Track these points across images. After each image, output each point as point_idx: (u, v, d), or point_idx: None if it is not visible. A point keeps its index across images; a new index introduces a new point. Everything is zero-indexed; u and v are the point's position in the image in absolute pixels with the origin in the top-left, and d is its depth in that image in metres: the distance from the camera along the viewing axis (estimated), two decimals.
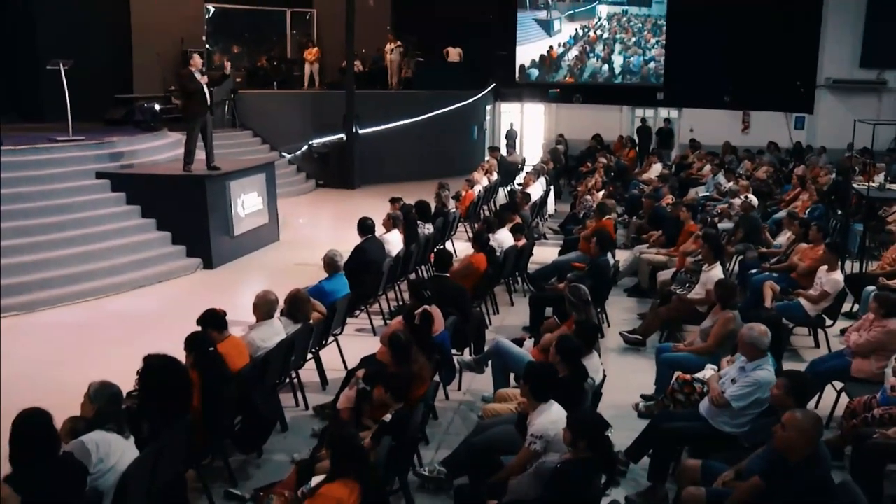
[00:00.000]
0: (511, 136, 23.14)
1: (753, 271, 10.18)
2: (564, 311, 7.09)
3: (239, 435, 5.71)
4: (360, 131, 20.20)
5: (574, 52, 24.82)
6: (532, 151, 23.85)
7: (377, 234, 9.84)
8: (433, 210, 12.35)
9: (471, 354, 7.79)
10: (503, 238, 10.15)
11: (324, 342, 7.53)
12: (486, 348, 7.62)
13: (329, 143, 20.40)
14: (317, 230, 15.90)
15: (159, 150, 13.68)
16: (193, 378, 5.11)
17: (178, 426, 4.73)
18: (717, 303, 7.19)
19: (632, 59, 24.30)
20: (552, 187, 15.95)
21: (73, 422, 4.38)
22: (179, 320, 8.94)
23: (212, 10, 22.91)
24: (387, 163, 20.67)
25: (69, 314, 9.86)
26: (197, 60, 12.11)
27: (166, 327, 7.23)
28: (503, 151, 19.81)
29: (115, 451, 4.18)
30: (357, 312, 9.14)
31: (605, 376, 6.09)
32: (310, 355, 7.29)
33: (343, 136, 20.08)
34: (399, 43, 21.98)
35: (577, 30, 24.98)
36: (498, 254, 9.71)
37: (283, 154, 20.27)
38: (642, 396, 7.22)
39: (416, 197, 12.28)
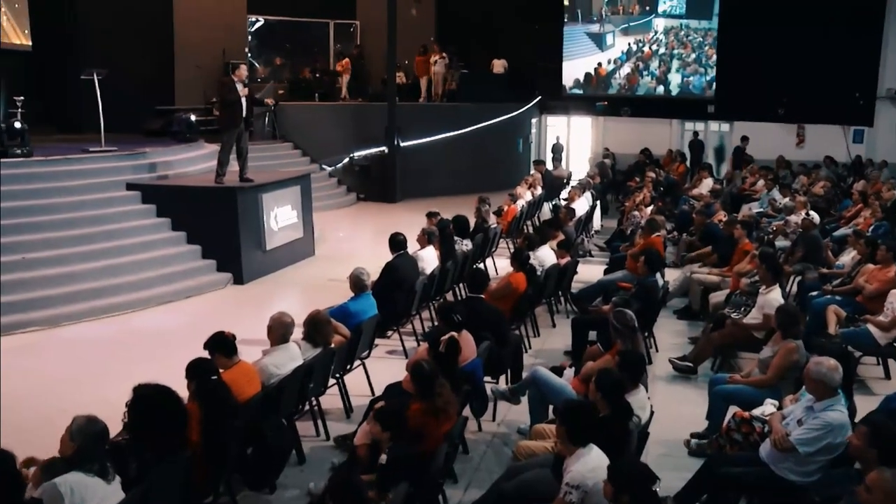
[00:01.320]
0: (557, 150, 22.54)
1: (814, 294, 9.45)
2: (609, 337, 6.50)
3: (248, 469, 5.21)
4: (402, 144, 19.80)
5: (626, 69, 24.02)
6: (578, 165, 23.17)
7: (411, 250, 9.35)
8: (473, 225, 11.83)
9: (507, 383, 7.23)
10: (545, 256, 9.57)
11: (348, 367, 7.03)
12: (524, 375, 7.07)
13: (370, 156, 20.03)
14: (355, 245, 15.45)
15: (193, 162, 13.38)
16: (193, 409, 4.63)
17: (171, 464, 4.25)
18: (778, 330, 6.53)
19: (691, 77, 23.19)
20: (598, 202, 15.31)
21: (50, 462, 3.92)
22: (206, 338, 8.69)
23: (255, 21, 22.76)
24: (429, 176, 20.22)
25: (93, 330, 9.52)
26: (242, 71, 11.81)
27: (192, 345, 6.79)
28: (549, 165, 19.19)
29: (94, 497, 3.71)
30: (389, 333, 8.63)
31: (652, 413, 5.47)
32: (333, 381, 6.81)
33: (385, 148, 19.68)
34: (443, 55, 21.55)
35: (629, 44, 24.09)
36: (539, 272, 9.13)
37: (324, 167, 19.97)
38: (693, 434, 6.56)
39: (457, 212, 11.79)
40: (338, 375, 6.88)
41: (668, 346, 9.06)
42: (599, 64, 24.12)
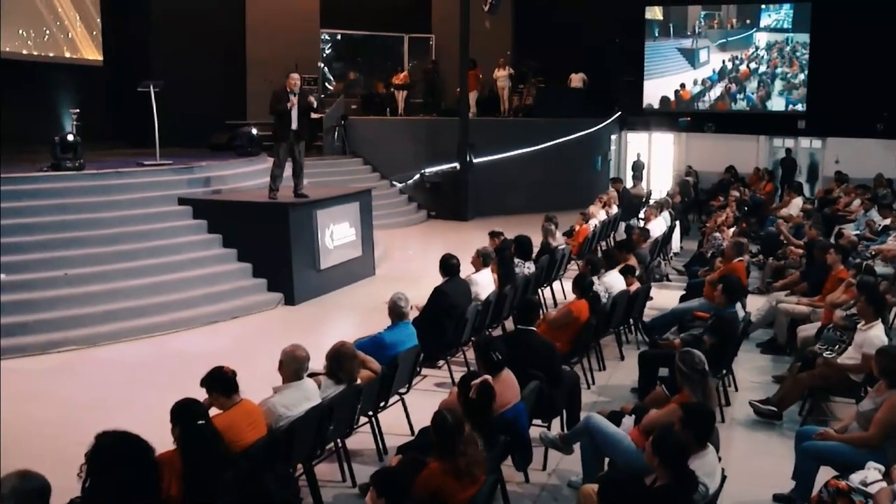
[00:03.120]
0: (638, 168, 21.48)
1: None
2: (676, 379, 5.60)
3: None
4: (475, 160, 19.11)
5: (717, 91, 22.73)
6: (660, 183, 22.02)
7: (468, 273, 8.63)
8: (540, 246, 11.03)
9: (562, 426, 6.39)
10: (612, 281, 8.69)
11: (383, 404, 6.30)
12: (581, 416, 6.24)
13: (442, 173, 19.39)
14: (420, 265, 14.73)
15: (250, 176, 12.94)
16: (174, 459, 3.97)
17: None
18: (881, 378, 5.52)
19: (798, 105, 21.48)
20: (678, 223, 14.26)
21: None
22: (248, 362, 8.06)
23: (328, 36, 22.46)
24: (502, 194, 19.45)
25: (130, 351, 9.06)
26: (293, 80, 11.24)
27: (240, 369, 6.21)
28: (628, 183, 18.19)
29: None
30: (440, 363, 7.90)
31: (724, 478, 4.56)
32: (364, 420, 6.10)
33: (456, 165, 19.02)
34: (510, 70, 20.84)
35: (724, 62, 22.75)
36: (604, 300, 8.26)
37: (394, 183, 19.44)
38: (776, 497, 5.60)
39: (531, 232, 11.02)
40: (370, 413, 6.17)
41: (749, 386, 8.05)
42: (682, 85, 22.92)
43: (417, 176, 19.61)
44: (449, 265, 8.00)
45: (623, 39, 22.22)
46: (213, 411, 4.72)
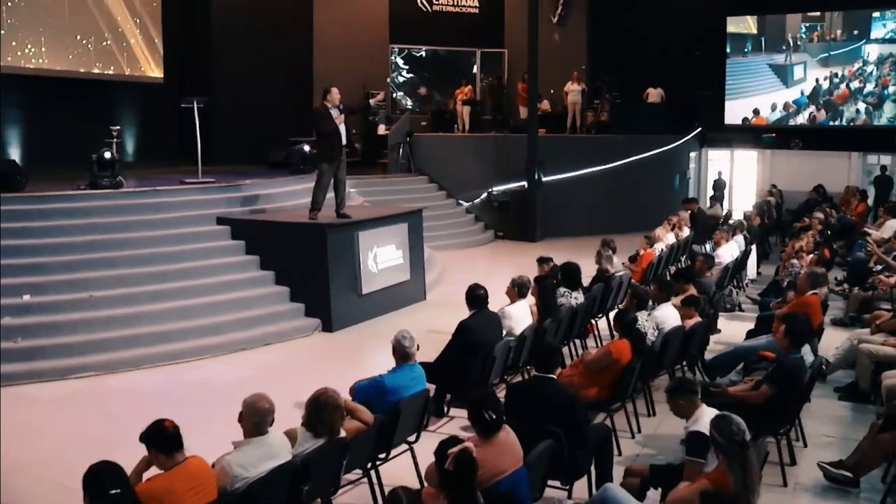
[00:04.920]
0: (719, 187, 20.22)
1: None
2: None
3: None
4: (544, 179, 18.29)
5: (801, 118, 21.16)
6: (742, 203, 20.66)
7: (501, 306, 7.85)
8: (595, 273, 10.15)
9: (590, 487, 5.52)
10: (665, 316, 7.75)
11: (382, 456, 5.56)
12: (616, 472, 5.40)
13: (510, 191, 18.64)
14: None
15: (296, 195, 12.42)
16: None
17: None
18: None
19: None
20: (754, 246, 13.08)
21: None
22: (271, 396, 7.51)
23: (398, 51, 22.04)
24: (573, 214, 18.59)
25: (148, 379, 8.57)
26: (334, 95, 10.66)
27: None
28: (705, 203, 17.02)
29: None
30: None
31: None
32: (360, 473, 5.40)
33: (525, 183, 18.23)
34: (582, 85, 19.95)
35: (818, 81, 21.01)
36: (652, 337, 7.35)
37: (461, 202, 18.82)
38: None
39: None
40: (368, 467, 5.45)
41: (821, 442, 6.97)
42: (756, 111, 21.39)
43: (484, 195, 18.95)
44: (475, 296, 7.23)
45: (704, 53, 21.05)
46: (154, 471, 4.09)
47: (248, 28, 17.96)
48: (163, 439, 4.01)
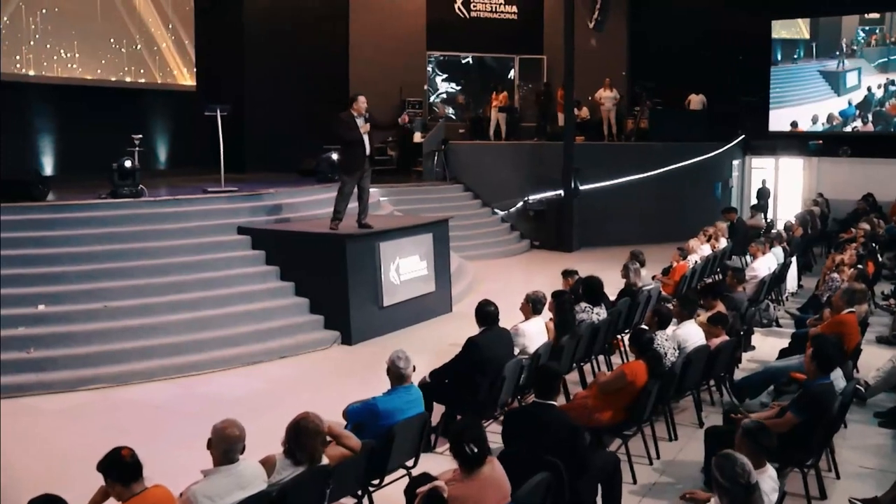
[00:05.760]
0: (763, 195, 19.56)
1: None
2: None
3: None
4: (581, 187, 17.89)
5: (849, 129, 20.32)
6: (788, 213, 19.93)
7: (515, 323, 7.55)
8: (624, 286, 9.77)
9: None
10: (687, 334, 7.36)
11: (374, 483, 5.30)
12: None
13: (546, 200, 18.28)
14: (510, 300, 13.66)
15: (321, 204, 12.21)
16: None
17: None
18: None
19: None
20: (795, 258, 12.52)
21: None
22: (276, 409, 7.38)
23: (435, 58, 21.83)
24: (611, 223, 18.14)
25: (158, 392, 8.42)
26: (361, 104, 10.44)
27: (259, 419, 5.41)
28: (745, 213, 16.45)
29: None
30: None
31: None
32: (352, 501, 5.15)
33: (561, 192, 17.86)
34: (615, 91, 19.50)
35: (870, 89, 20.09)
36: (672, 358, 6.96)
37: (496, 210, 18.51)
38: None
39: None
40: (360, 494, 5.19)
41: (855, 472, 6.52)
42: (794, 124, 20.55)
43: (520, 203, 18.60)
44: (484, 313, 6.94)
45: (746, 58, 20.44)
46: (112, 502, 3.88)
47: (282, 35, 17.89)
48: (119, 468, 3.81)
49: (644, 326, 7.17)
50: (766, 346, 9.84)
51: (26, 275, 9.12)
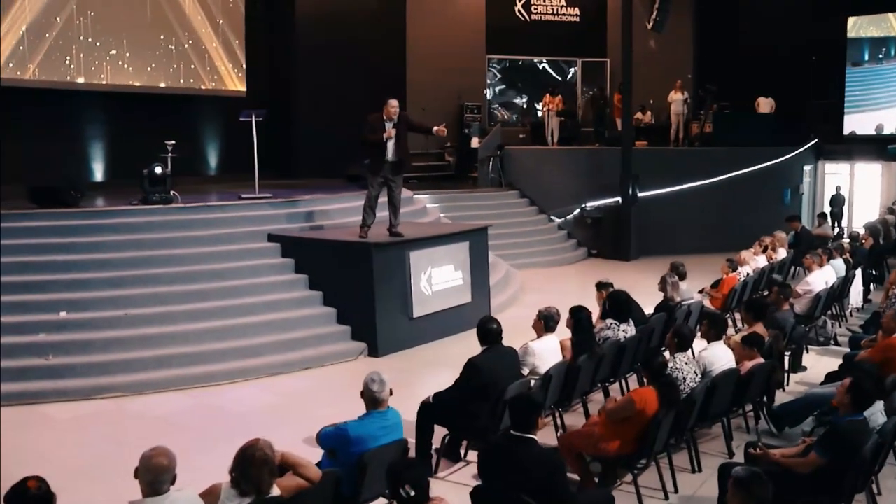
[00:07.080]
0: (837, 203, 18.55)
1: None
2: None
3: None
4: (640, 194, 17.28)
5: None
6: (865, 221, 18.86)
7: (526, 341, 7.14)
8: (660, 301, 9.21)
9: None
10: (714, 357, 6.80)
11: None
12: None
13: (604, 207, 17.72)
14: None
15: (357, 211, 11.94)
16: None
17: None
18: None
19: None
20: (859, 271, 11.67)
21: None
22: (288, 424, 7.23)
23: (496, 61, 21.44)
24: (672, 231, 17.46)
25: (172, 402, 8.26)
26: (390, 108, 10.17)
27: (271, 433, 5.23)
28: (810, 222, 15.55)
29: None
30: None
31: None
32: None
33: (619, 199, 17.27)
34: (685, 94, 18.75)
35: None
36: (693, 383, 6.43)
37: (552, 217, 18.04)
38: None
39: (701, 275, 9.25)
40: None
41: None
42: (879, 127, 19.27)
43: (577, 210, 18.08)
44: (486, 331, 6.53)
45: (819, 58, 19.41)
46: None
47: (336, 41, 17.70)
48: (24, 502, 3.55)
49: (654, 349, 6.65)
50: (821, 367, 9.15)
51: (52, 281, 9.12)
